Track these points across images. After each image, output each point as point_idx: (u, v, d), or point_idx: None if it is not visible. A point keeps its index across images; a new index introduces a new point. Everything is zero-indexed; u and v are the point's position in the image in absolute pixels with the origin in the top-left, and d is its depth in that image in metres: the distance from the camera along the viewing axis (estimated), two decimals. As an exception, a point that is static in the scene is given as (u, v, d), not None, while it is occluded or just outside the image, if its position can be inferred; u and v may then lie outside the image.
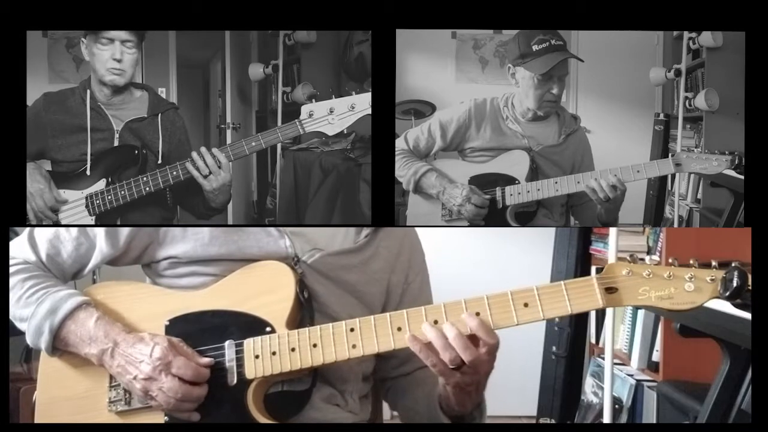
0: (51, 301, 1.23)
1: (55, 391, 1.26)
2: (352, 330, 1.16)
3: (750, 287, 1.03)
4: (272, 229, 1.30)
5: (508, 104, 2.05)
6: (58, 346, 1.23)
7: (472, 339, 1.10)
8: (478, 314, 1.11)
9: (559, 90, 1.97)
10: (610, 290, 1.10)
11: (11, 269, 1.29)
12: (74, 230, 1.31)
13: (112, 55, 1.89)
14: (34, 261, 1.31)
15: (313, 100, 1.82)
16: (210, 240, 1.27)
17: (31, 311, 1.23)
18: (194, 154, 1.83)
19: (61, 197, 1.91)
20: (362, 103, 1.80)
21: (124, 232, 1.30)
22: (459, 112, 2.06)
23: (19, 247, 1.32)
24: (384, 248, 1.37)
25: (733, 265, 1.05)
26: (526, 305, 1.11)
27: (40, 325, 1.22)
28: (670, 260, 1.10)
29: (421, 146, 2.09)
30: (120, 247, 1.30)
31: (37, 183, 1.87)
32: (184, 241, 1.28)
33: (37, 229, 1.33)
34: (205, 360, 1.19)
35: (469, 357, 1.08)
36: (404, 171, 2.06)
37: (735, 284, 1.03)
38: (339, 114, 1.81)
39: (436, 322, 1.13)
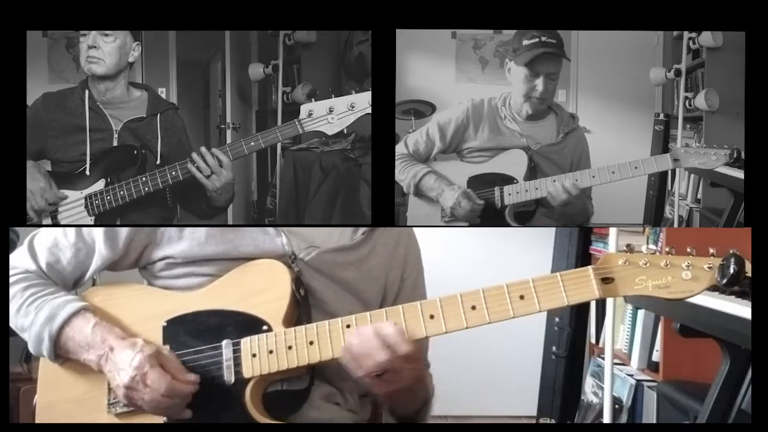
0: (49, 308, 1.23)
1: (55, 394, 1.26)
2: (348, 327, 1.16)
3: (748, 274, 1.02)
4: (268, 228, 1.30)
5: (506, 104, 2.05)
6: (60, 353, 1.23)
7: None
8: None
9: (544, 88, 1.96)
10: (606, 280, 1.09)
11: (11, 279, 1.28)
12: (72, 236, 1.30)
13: (87, 43, 1.90)
14: (35, 270, 1.30)
15: (313, 99, 1.81)
16: (206, 239, 1.27)
17: (31, 320, 1.23)
18: (194, 155, 1.82)
19: (62, 195, 1.90)
20: (362, 102, 1.79)
21: (123, 234, 1.29)
22: (457, 113, 2.06)
23: (19, 257, 1.32)
24: (381, 245, 1.36)
25: (730, 251, 1.04)
26: (522, 297, 1.10)
27: (40, 333, 1.22)
28: (667, 249, 1.09)
29: (420, 150, 2.09)
30: (119, 249, 1.29)
31: (37, 182, 1.86)
32: (181, 241, 1.27)
33: (36, 239, 1.32)
34: (190, 377, 1.18)
35: (383, 357, 1.09)
36: (404, 175, 2.06)
37: (732, 271, 1.02)
38: (338, 113, 1.80)
39: (432, 317, 1.13)
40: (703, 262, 1.07)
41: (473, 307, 1.11)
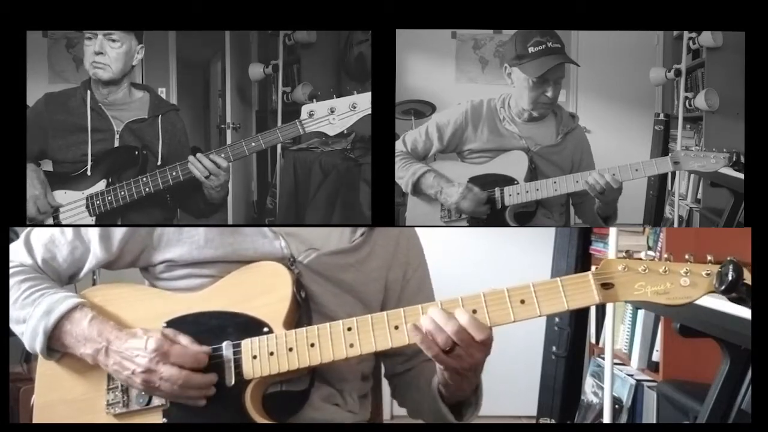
0: (47, 302, 1.23)
1: (52, 394, 1.26)
2: (349, 329, 1.16)
3: (746, 281, 1.03)
4: (267, 230, 1.30)
5: (505, 105, 2.04)
6: (54, 347, 1.23)
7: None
8: (475, 312, 1.11)
9: (553, 93, 1.96)
10: (606, 286, 1.10)
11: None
12: (69, 234, 1.31)
13: (93, 49, 1.89)
14: (31, 264, 1.31)
15: (314, 100, 1.81)
16: (205, 242, 1.27)
17: (28, 313, 1.23)
18: (191, 158, 1.82)
19: (55, 202, 1.90)
20: (363, 102, 1.78)
21: (118, 236, 1.29)
22: (456, 114, 2.06)
23: (15, 251, 1.33)
24: (380, 246, 1.37)
25: (728, 259, 1.05)
26: (522, 302, 1.11)
27: (36, 327, 1.22)
28: (665, 256, 1.10)
29: (419, 148, 2.09)
30: (114, 251, 1.30)
31: (32, 188, 1.86)
32: (180, 245, 1.28)
33: (33, 233, 1.33)
34: (204, 348, 1.18)
35: (459, 337, 1.09)
36: (402, 173, 2.06)
37: (730, 278, 1.03)
38: (340, 114, 1.79)
39: None
40: (701, 269, 1.08)
41: (474, 311, 1.11)
